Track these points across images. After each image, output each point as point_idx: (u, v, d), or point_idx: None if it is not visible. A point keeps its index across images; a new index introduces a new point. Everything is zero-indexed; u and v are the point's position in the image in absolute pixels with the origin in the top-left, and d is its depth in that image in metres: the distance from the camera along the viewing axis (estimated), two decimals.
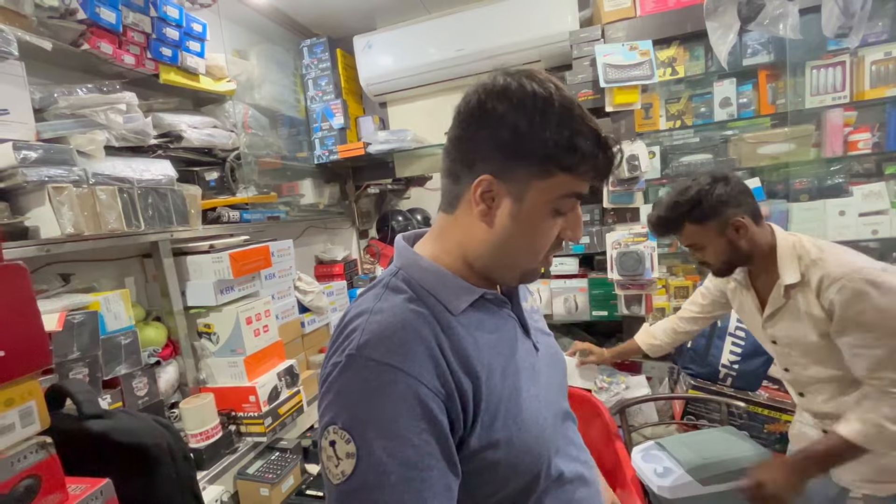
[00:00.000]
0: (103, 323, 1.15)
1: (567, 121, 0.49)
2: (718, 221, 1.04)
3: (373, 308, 0.51)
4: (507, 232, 0.53)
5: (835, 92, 1.76)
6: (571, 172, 0.50)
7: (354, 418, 0.44)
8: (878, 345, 0.89)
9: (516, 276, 0.57)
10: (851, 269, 0.90)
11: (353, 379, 0.46)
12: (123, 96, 1.26)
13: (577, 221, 0.55)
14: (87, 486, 0.61)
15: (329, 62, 2.17)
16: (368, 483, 0.43)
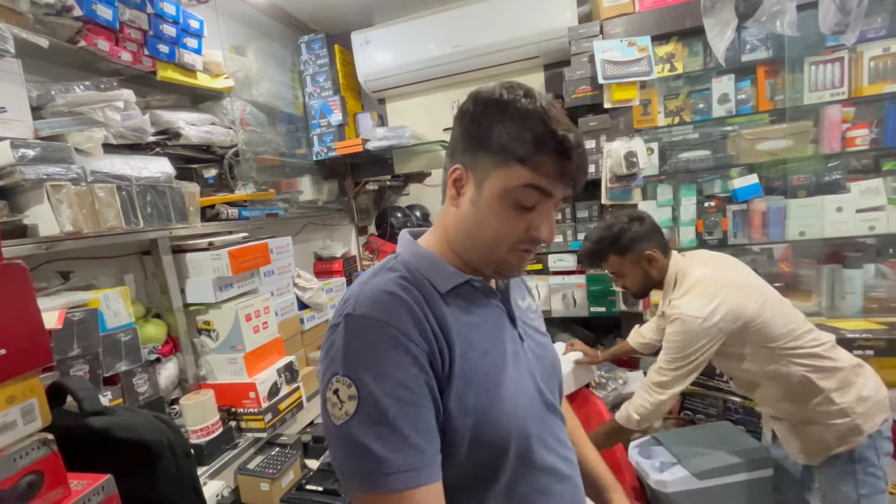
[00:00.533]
0: (103, 320, 1.15)
1: (524, 118, 0.54)
2: (635, 253, 1.29)
3: (367, 281, 0.58)
4: (469, 214, 0.59)
5: (833, 88, 1.76)
6: (526, 164, 0.54)
7: (354, 366, 0.51)
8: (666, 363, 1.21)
9: (488, 264, 0.61)
10: (676, 312, 1.19)
11: (350, 334, 0.52)
12: (121, 93, 1.26)
13: (543, 219, 0.57)
14: (89, 482, 0.62)
15: (327, 58, 2.17)
16: (371, 418, 0.49)
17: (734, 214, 1.89)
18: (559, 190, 0.57)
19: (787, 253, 2.00)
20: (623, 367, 2.01)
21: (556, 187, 0.56)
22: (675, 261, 1.30)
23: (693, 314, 1.16)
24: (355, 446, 0.49)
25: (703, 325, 1.14)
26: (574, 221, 2.06)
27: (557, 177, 0.55)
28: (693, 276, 1.23)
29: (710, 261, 1.30)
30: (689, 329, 1.16)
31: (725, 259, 1.31)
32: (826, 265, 1.86)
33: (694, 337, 1.16)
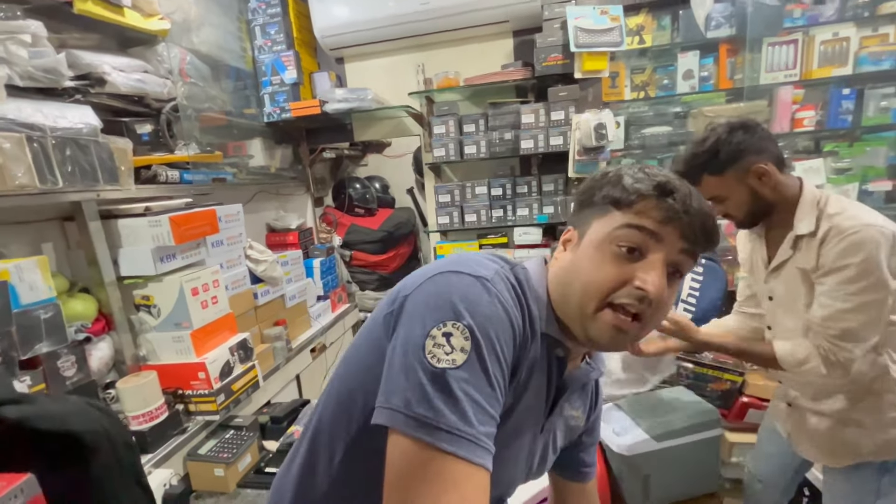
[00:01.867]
0: (15, 294, 0.98)
1: (626, 176, 0.54)
2: (738, 170, 0.99)
3: (503, 268, 0.55)
4: (567, 262, 0.57)
5: (787, 69, 1.83)
6: (624, 208, 0.53)
7: (481, 324, 0.47)
8: (851, 298, 0.89)
9: (577, 320, 0.54)
10: (865, 222, 0.89)
11: (486, 297, 0.49)
12: (27, 24, 1.05)
13: (649, 268, 0.51)
14: (4, 483, 0.51)
15: (279, 7, 1.96)
16: (475, 378, 0.46)
17: None
18: (670, 236, 0.51)
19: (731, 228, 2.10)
20: None
21: (664, 230, 0.51)
22: (808, 186, 1.02)
23: (888, 226, 0.88)
24: (447, 395, 0.44)
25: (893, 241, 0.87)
26: (540, 195, 2.04)
27: (664, 219, 0.51)
28: (846, 202, 0.97)
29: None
30: (879, 240, 0.86)
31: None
32: None
33: (880, 251, 0.86)
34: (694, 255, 0.53)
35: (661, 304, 0.52)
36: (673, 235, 0.51)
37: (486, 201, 2.07)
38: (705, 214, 0.52)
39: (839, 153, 1.88)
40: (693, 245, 0.52)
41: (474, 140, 2.00)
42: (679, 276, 0.54)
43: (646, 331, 0.54)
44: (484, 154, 2.01)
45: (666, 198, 0.51)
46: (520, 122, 1.93)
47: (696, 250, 0.53)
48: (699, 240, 0.52)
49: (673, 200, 0.51)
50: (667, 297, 0.52)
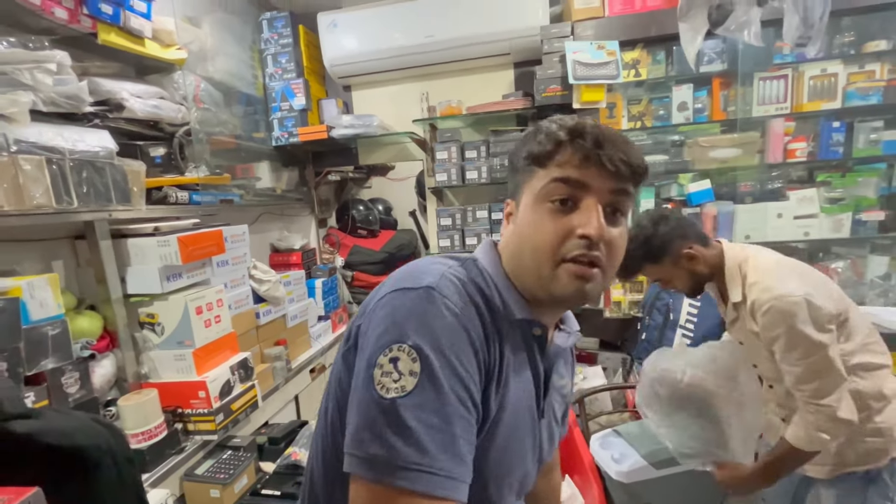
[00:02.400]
0: (26, 311, 1.01)
1: (541, 130, 0.54)
2: (671, 256, 1.14)
3: (444, 267, 0.53)
4: (511, 234, 0.57)
5: (778, 103, 1.90)
6: (546, 164, 0.52)
7: (427, 341, 0.45)
8: (798, 364, 0.99)
9: (540, 287, 0.53)
10: (775, 294, 0.99)
11: (430, 308, 0.47)
12: (53, 55, 1.11)
13: (587, 214, 0.50)
14: (12, 497, 0.52)
15: (291, 38, 2.05)
16: (428, 403, 0.43)
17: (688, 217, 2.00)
18: (595, 179, 0.50)
19: None
20: (582, 363, 2.06)
21: (588, 175, 0.50)
22: (728, 248, 1.15)
23: (796, 293, 0.96)
24: (399, 427, 0.42)
25: (810, 303, 0.96)
26: None
27: (583, 162, 0.50)
28: (768, 259, 1.07)
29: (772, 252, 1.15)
30: (795, 311, 0.96)
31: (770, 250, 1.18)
32: None
33: (805, 316, 0.95)
34: (626, 192, 0.52)
35: (613, 245, 0.52)
36: (598, 177, 0.50)
37: (486, 225, 2.11)
38: (622, 144, 0.51)
39: (832, 183, 1.93)
40: (619, 180, 0.51)
41: (476, 166, 2.06)
42: (621, 215, 0.53)
43: (607, 276, 0.53)
44: (485, 179, 2.06)
45: (578, 139, 0.50)
46: None
47: (625, 186, 0.52)
48: (623, 172, 0.50)
49: (584, 140, 0.50)
50: (616, 237, 0.52)
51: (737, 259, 1.11)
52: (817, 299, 0.97)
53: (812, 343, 0.96)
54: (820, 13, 0.84)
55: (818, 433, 0.99)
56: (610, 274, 0.53)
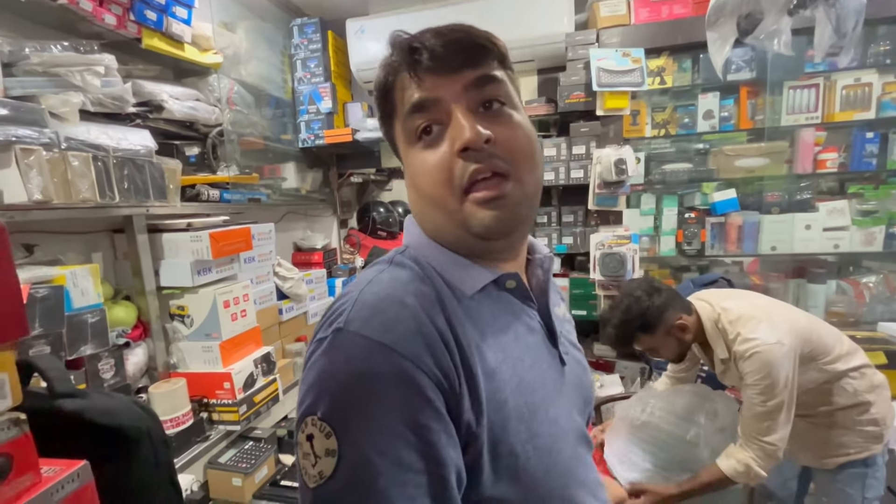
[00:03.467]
0: (69, 299, 1.07)
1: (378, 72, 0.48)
2: (664, 326, 1.21)
3: (372, 279, 0.45)
4: (411, 193, 0.50)
5: (808, 112, 1.86)
6: (396, 105, 0.47)
7: (337, 408, 0.37)
8: (760, 405, 1.10)
9: (460, 231, 0.45)
10: (751, 346, 1.10)
11: (339, 359, 0.38)
12: (102, 58, 1.18)
13: (455, 126, 0.43)
14: (62, 468, 0.56)
15: (319, 44, 2.11)
16: (352, 486, 0.35)
17: (712, 227, 1.97)
18: (438, 87, 0.43)
19: (756, 266, 2.09)
20: (600, 371, 2.04)
21: (428, 88, 0.43)
22: (701, 310, 1.24)
23: (770, 341, 1.08)
24: None
25: (782, 350, 1.08)
26: (559, 225, 2.08)
27: (414, 79, 0.43)
28: (733, 311, 1.18)
29: (729, 295, 1.28)
30: (772, 359, 1.07)
31: (733, 291, 1.34)
32: (792, 279, 1.96)
33: (779, 364, 1.07)
34: (485, 78, 0.44)
35: (509, 140, 0.43)
36: (440, 84, 0.43)
37: None
38: (446, 33, 0.44)
39: (864, 195, 1.88)
40: (465, 71, 0.43)
41: None
42: (500, 104, 0.45)
43: (523, 175, 0.44)
44: None
45: (394, 62, 0.45)
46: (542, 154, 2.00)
47: (478, 73, 0.43)
48: (459, 61, 0.43)
49: (401, 57, 0.44)
50: (507, 131, 0.44)
51: (711, 318, 1.21)
52: (789, 341, 1.09)
53: (778, 388, 1.07)
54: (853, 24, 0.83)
55: (756, 468, 1.10)
56: (525, 172, 0.44)
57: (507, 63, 0.48)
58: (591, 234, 1.89)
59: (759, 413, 1.10)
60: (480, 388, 0.41)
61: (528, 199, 0.46)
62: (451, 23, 0.46)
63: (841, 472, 1.20)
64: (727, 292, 1.34)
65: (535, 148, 0.47)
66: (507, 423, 0.42)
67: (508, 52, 0.49)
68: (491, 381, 0.42)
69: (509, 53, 0.49)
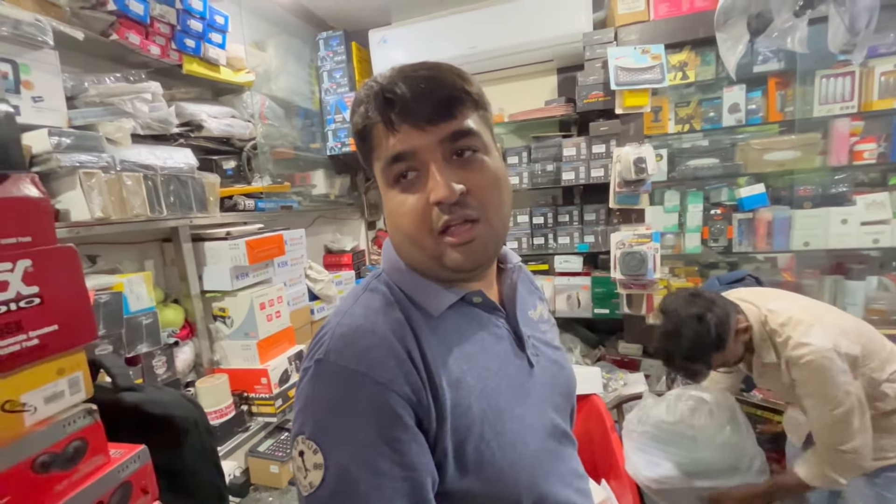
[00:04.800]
0: (127, 303, 1.21)
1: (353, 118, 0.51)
2: (732, 335, 1.16)
3: (346, 310, 0.51)
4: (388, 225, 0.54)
5: (843, 101, 1.78)
6: (375, 152, 0.50)
7: (321, 428, 0.43)
8: (828, 415, 1.07)
9: (435, 266, 0.50)
10: (806, 351, 1.07)
11: (319, 386, 0.45)
12: (149, 86, 1.31)
13: (430, 182, 0.47)
14: (126, 451, 0.67)
15: (344, 55, 2.21)
16: (337, 493, 0.41)
17: (739, 223, 1.92)
18: (414, 140, 0.46)
19: (791, 263, 2.02)
20: (624, 369, 2.04)
21: (404, 141, 0.46)
22: (747, 312, 1.20)
23: (825, 346, 1.05)
24: None
25: (837, 355, 1.05)
26: (581, 224, 2.09)
27: (392, 133, 0.46)
28: (781, 313, 1.14)
29: (771, 295, 1.24)
30: (827, 364, 1.05)
31: (772, 291, 1.30)
32: (829, 276, 1.89)
33: (836, 370, 1.05)
34: (459, 132, 0.47)
35: (480, 187, 0.47)
36: (416, 137, 0.46)
37: (527, 229, 2.15)
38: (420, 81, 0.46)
39: None
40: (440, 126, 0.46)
41: (517, 171, 2.11)
42: (473, 152, 0.48)
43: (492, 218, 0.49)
44: (526, 185, 2.11)
45: (370, 113, 0.48)
46: (561, 154, 2.02)
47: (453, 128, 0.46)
48: (434, 117, 0.46)
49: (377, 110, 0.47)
50: (479, 179, 0.48)
51: (758, 320, 1.17)
52: (842, 345, 1.05)
53: (840, 394, 1.04)
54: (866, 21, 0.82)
55: (835, 475, 1.08)
56: (494, 214, 0.49)
57: (481, 104, 0.51)
58: (611, 233, 1.89)
59: (829, 424, 1.08)
60: (445, 398, 0.47)
61: (496, 236, 0.51)
62: (424, 64, 0.49)
63: (879, 475, 1.16)
64: (767, 292, 1.29)
65: (504, 188, 0.51)
66: (471, 426, 0.47)
67: (483, 94, 0.52)
68: (456, 389, 0.48)
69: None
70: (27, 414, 0.55)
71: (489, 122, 0.54)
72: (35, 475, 0.55)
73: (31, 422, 0.56)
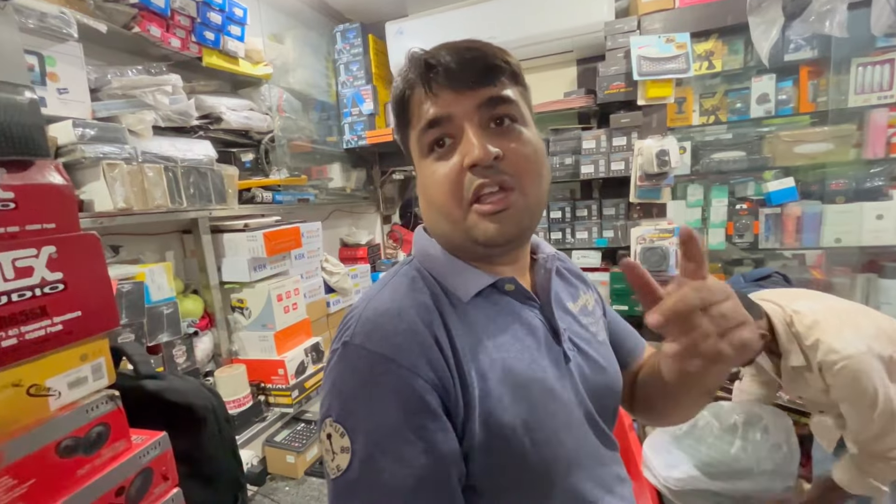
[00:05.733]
0: (148, 293, 1.22)
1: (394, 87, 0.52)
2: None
3: (375, 295, 0.50)
4: (421, 203, 0.54)
5: (881, 91, 1.69)
6: (412, 120, 0.50)
7: (348, 411, 0.43)
8: (872, 420, 1.03)
9: (467, 240, 0.49)
10: (842, 356, 1.03)
11: (347, 369, 0.44)
12: (170, 78, 1.32)
13: (463, 143, 0.47)
14: (147, 437, 0.67)
15: (361, 48, 2.20)
16: (362, 479, 0.41)
17: (766, 218, 1.86)
18: (452, 104, 0.46)
19: (822, 260, 1.95)
20: None
21: (443, 105, 0.46)
22: (771, 313, 1.17)
23: (860, 349, 1.02)
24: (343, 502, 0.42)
25: (873, 356, 1.01)
26: (600, 218, 2.05)
27: (430, 96, 0.47)
28: (808, 315, 1.11)
29: (797, 295, 1.21)
30: (864, 368, 1.01)
31: (799, 291, 1.26)
32: (862, 274, 1.81)
33: (872, 372, 1.01)
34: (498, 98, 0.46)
35: (516, 155, 0.46)
36: (454, 101, 0.46)
37: (544, 224, 2.11)
38: (462, 51, 0.46)
39: None
40: (479, 90, 0.46)
41: None
42: (511, 121, 0.48)
43: (528, 189, 0.48)
44: None
45: (410, 78, 0.48)
46: (581, 147, 1.97)
47: (491, 93, 0.46)
48: (474, 81, 0.46)
49: (418, 74, 0.47)
50: (515, 147, 0.47)
51: (783, 322, 1.14)
52: (877, 345, 1.00)
53: (880, 397, 1.01)
54: None
55: (877, 483, 1.06)
56: (530, 185, 0.48)
57: (521, 80, 0.51)
58: (631, 228, 1.85)
59: (872, 430, 1.04)
60: (473, 387, 0.45)
61: (531, 210, 0.50)
62: (468, 39, 0.49)
63: None
64: (794, 292, 1.25)
65: (542, 162, 0.50)
66: (502, 417, 0.45)
67: (522, 72, 0.51)
68: (485, 379, 0.46)
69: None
70: (52, 398, 0.56)
71: (528, 99, 0.53)
72: (59, 459, 0.56)
73: (56, 406, 0.57)
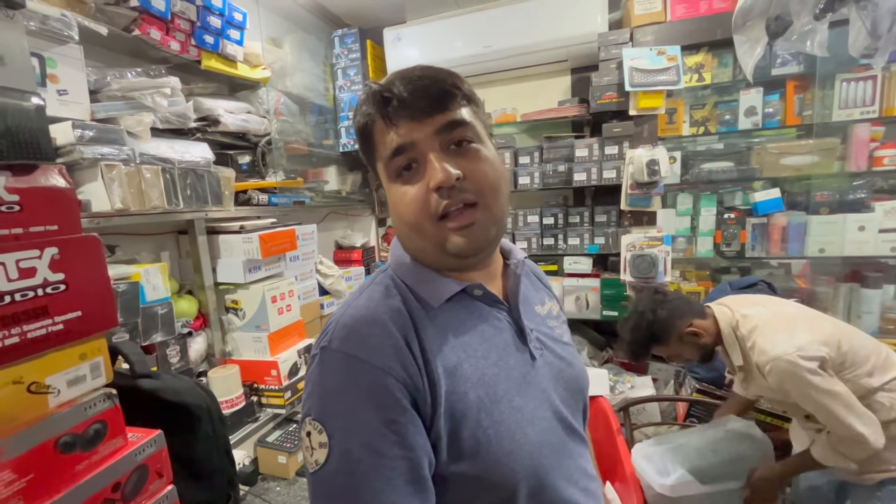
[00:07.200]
0: (143, 293, 1.23)
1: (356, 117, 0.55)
2: (675, 336, 1.27)
3: (352, 302, 0.54)
4: (392, 219, 0.57)
5: (864, 106, 1.75)
6: (378, 150, 0.53)
7: (325, 410, 0.47)
8: (819, 409, 1.09)
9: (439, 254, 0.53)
10: (770, 356, 1.10)
11: (324, 371, 0.48)
12: (168, 80, 1.34)
13: (429, 169, 0.50)
14: (143, 435, 0.69)
15: (359, 52, 2.22)
16: (340, 471, 0.44)
17: (753, 227, 1.90)
18: (411, 133, 0.50)
19: (806, 269, 1.99)
20: (631, 372, 2.04)
21: (403, 135, 0.50)
22: (719, 315, 1.25)
23: (788, 351, 1.07)
24: (322, 498, 0.46)
25: (802, 356, 1.06)
26: (592, 225, 2.08)
27: (390, 128, 0.50)
28: (752, 319, 1.17)
29: (754, 301, 1.27)
30: (792, 368, 1.06)
31: (759, 297, 1.32)
32: (844, 283, 1.86)
33: (803, 370, 1.05)
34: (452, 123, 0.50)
35: (477, 173, 0.50)
36: (413, 130, 0.50)
37: (537, 229, 2.15)
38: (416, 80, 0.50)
39: None
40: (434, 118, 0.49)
41: (528, 171, 2.11)
42: (468, 143, 0.51)
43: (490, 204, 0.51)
44: (537, 184, 2.10)
45: (370, 112, 0.51)
46: (574, 155, 2.01)
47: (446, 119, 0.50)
48: (427, 109, 0.49)
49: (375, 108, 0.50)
50: (475, 166, 0.50)
51: (729, 323, 1.23)
52: (808, 349, 1.07)
53: (820, 390, 1.06)
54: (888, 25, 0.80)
55: (845, 462, 1.11)
56: (492, 199, 0.52)
57: (473, 98, 0.55)
58: (622, 235, 1.88)
59: (824, 418, 1.09)
60: (440, 385, 0.49)
61: (496, 221, 0.54)
62: (420, 66, 0.54)
63: (881, 488, 1.16)
64: (752, 298, 1.33)
65: (501, 176, 0.54)
66: (467, 412, 0.49)
67: (473, 92, 0.56)
68: (452, 377, 0.50)
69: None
70: (51, 396, 0.58)
71: (482, 117, 0.57)
72: (58, 455, 0.58)
73: (55, 403, 0.58)
